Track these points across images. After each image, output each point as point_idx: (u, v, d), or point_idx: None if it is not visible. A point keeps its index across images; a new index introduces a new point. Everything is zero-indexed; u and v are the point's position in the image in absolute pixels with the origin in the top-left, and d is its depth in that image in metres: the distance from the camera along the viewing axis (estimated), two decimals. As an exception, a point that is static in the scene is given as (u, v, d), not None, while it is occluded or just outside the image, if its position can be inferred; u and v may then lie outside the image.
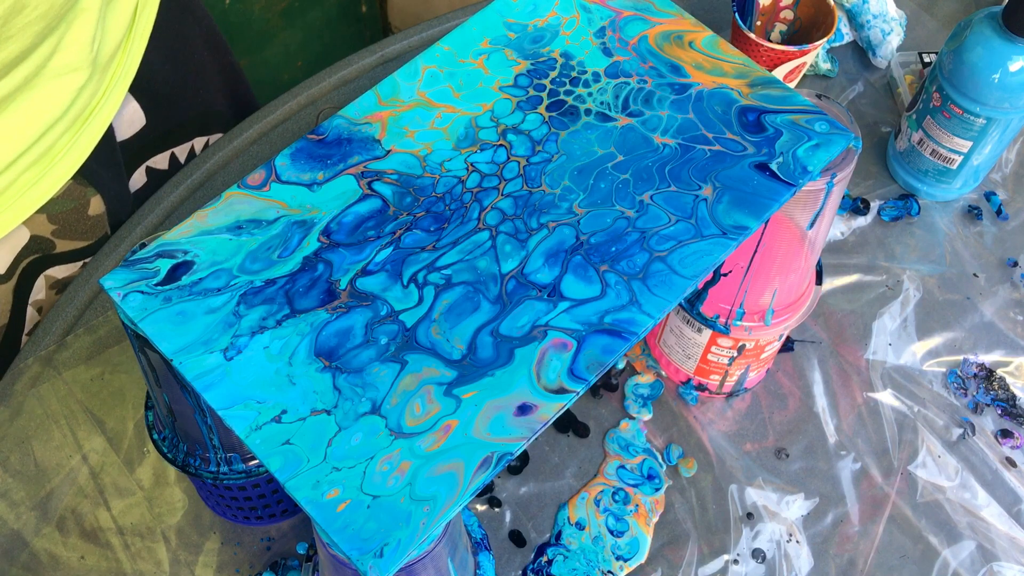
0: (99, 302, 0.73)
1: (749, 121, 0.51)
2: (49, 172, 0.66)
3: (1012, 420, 0.71)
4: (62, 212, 0.70)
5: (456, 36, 0.54)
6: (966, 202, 0.80)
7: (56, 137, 0.65)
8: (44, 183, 0.66)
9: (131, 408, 0.69)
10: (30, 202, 0.66)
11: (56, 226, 0.70)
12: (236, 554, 0.65)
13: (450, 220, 0.48)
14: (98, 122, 0.68)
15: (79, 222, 0.71)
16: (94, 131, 0.68)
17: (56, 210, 0.69)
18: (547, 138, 0.51)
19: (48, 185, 0.66)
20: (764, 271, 0.58)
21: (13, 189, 0.64)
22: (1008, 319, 0.75)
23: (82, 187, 0.70)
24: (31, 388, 0.69)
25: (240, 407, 0.43)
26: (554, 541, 0.66)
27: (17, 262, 0.69)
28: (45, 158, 0.65)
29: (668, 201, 0.49)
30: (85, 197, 0.71)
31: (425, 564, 0.46)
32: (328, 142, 0.51)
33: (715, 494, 0.68)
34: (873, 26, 0.84)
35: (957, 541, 0.67)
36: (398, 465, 0.42)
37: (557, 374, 0.44)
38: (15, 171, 0.63)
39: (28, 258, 0.70)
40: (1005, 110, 0.71)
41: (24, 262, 0.70)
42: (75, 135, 0.67)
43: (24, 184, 0.65)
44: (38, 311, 0.74)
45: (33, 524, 0.65)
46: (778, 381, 0.72)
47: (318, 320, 0.45)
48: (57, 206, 0.69)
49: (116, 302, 0.46)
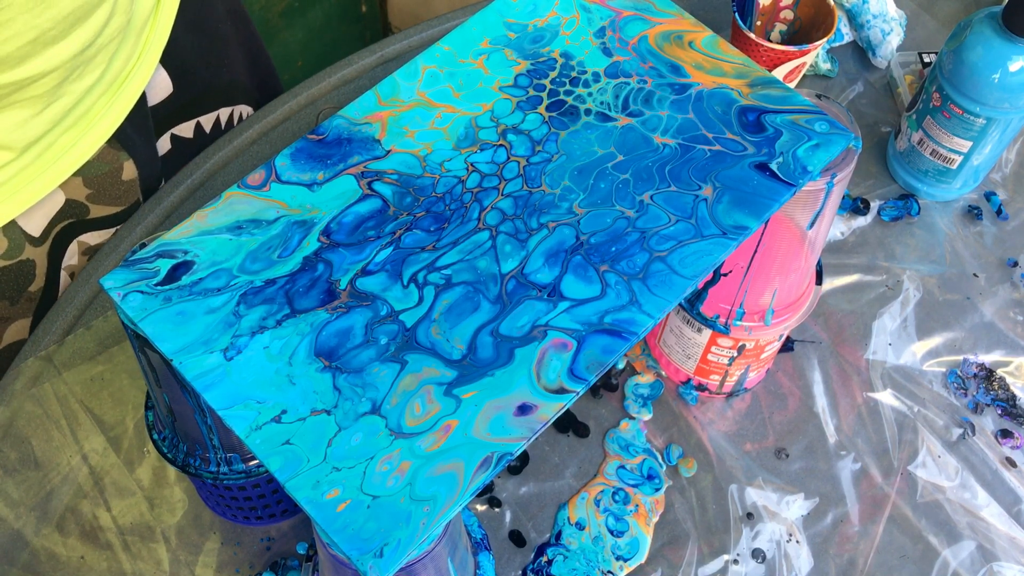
0: (99, 302, 0.73)
1: (749, 121, 0.51)
2: (86, 135, 0.68)
3: (1012, 420, 0.71)
4: (97, 176, 0.71)
5: (456, 36, 0.54)
6: (966, 202, 0.80)
7: (94, 100, 0.67)
8: (81, 146, 0.68)
9: (131, 408, 0.69)
10: (67, 165, 0.68)
11: (91, 190, 0.72)
12: (236, 554, 0.65)
13: (450, 220, 0.48)
14: (133, 86, 0.71)
15: (113, 186, 0.73)
16: (129, 95, 0.70)
17: (91, 173, 0.71)
18: (547, 138, 0.51)
19: (85, 148, 0.68)
20: (764, 271, 0.58)
21: (51, 151, 0.66)
22: (1008, 319, 0.75)
23: (116, 151, 0.72)
24: (31, 388, 0.69)
25: (240, 407, 0.43)
26: (554, 541, 0.66)
27: (52, 226, 0.71)
28: (83, 121, 0.67)
29: (668, 201, 0.49)
30: (118, 161, 0.72)
31: (425, 564, 0.46)
32: (328, 142, 0.51)
33: (715, 494, 0.68)
34: (873, 26, 0.84)
35: (957, 541, 0.67)
36: (398, 465, 0.42)
37: (557, 374, 0.44)
38: (54, 134, 0.65)
39: (63, 222, 0.72)
40: (1005, 110, 0.71)
41: (58, 226, 0.72)
42: (111, 99, 0.69)
43: (62, 147, 0.67)
44: (71, 276, 0.75)
45: (33, 524, 0.65)
46: (778, 381, 0.72)
47: (318, 320, 0.45)
48: (92, 169, 0.71)
49: (116, 302, 0.46)
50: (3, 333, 0.73)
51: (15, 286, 0.71)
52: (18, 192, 0.65)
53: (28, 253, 0.70)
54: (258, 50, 0.91)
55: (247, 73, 0.88)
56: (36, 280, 0.72)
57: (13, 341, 0.74)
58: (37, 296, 0.73)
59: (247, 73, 0.88)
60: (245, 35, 0.88)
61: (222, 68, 0.84)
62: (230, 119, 0.87)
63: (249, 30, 0.89)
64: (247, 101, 0.88)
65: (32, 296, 0.73)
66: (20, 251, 0.69)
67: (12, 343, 0.74)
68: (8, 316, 0.73)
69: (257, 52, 0.90)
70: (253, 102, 0.89)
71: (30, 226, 0.69)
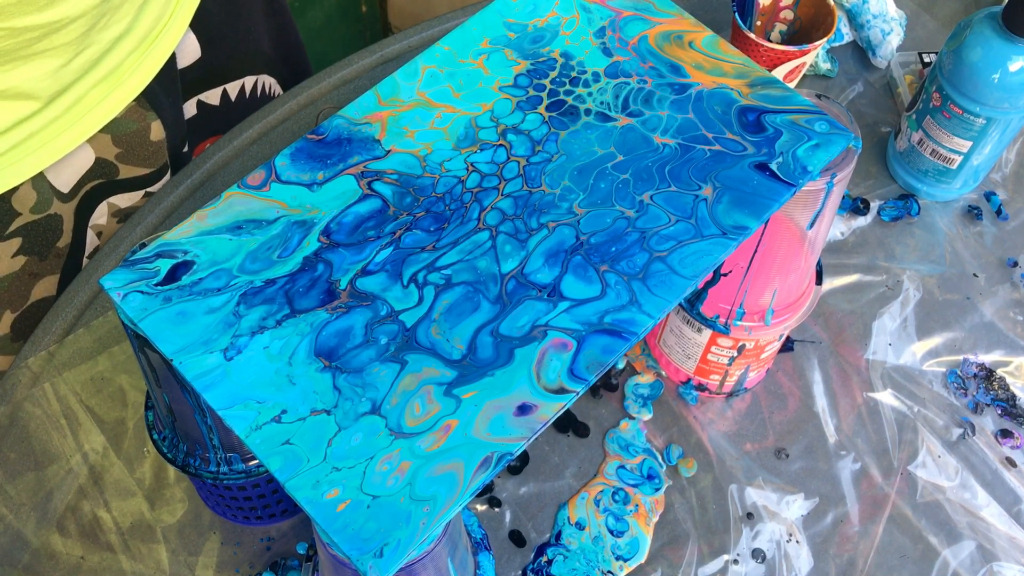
0: (99, 302, 0.73)
1: (749, 121, 0.51)
2: (116, 90, 0.68)
3: (1012, 420, 0.71)
4: (126, 135, 0.72)
5: (456, 36, 0.54)
6: (966, 202, 0.80)
7: (124, 56, 0.67)
8: (110, 100, 0.68)
9: (131, 408, 0.69)
10: (96, 119, 0.68)
11: (120, 149, 0.72)
12: (236, 554, 0.65)
13: (450, 220, 0.48)
14: (163, 46, 0.71)
15: (142, 146, 0.74)
16: (159, 54, 0.71)
17: (120, 131, 0.71)
18: (547, 138, 0.51)
19: (114, 103, 0.68)
20: (764, 271, 0.58)
21: (81, 104, 0.66)
22: (1008, 319, 0.75)
23: (144, 110, 0.72)
24: (31, 388, 0.69)
25: (240, 407, 0.43)
26: (554, 541, 0.66)
27: (81, 184, 0.71)
28: (113, 76, 0.67)
29: (668, 201, 0.49)
30: (146, 121, 0.73)
31: (425, 564, 0.46)
32: (328, 142, 0.51)
33: (715, 494, 0.68)
34: (873, 26, 0.84)
35: (957, 541, 0.67)
36: (398, 465, 0.42)
37: (557, 374, 0.44)
38: (84, 85, 0.66)
39: (92, 182, 0.72)
40: (1005, 110, 0.71)
41: (88, 185, 0.72)
42: (142, 56, 0.69)
43: (92, 100, 0.67)
44: (98, 236, 0.76)
45: (33, 524, 0.65)
46: (778, 381, 0.72)
47: (318, 320, 0.45)
48: (121, 127, 0.71)
49: (116, 302, 0.46)
50: (32, 288, 0.74)
51: (43, 241, 0.72)
52: (46, 144, 0.66)
53: (56, 208, 0.70)
54: (286, 23, 0.91)
55: (273, 45, 0.89)
56: (63, 236, 0.73)
57: (42, 297, 0.75)
58: (64, 252, 0.74)
59: (273, 45, 0.89)
60: (275, 7, 0.88)
61: (249, 36, 0.85)
62: (254, 89, 0.87)
63: (279, 2, 0.89)
64: (272, 72, 0.89)
65: (60, 252, 0.74)
66: (48, 205, 0.70)
67: (41, 299, 0.75)
68: (37, 272, 0.73)
69: (285, 25, 0.91)
70: (278, 74, 0.90)
71: (59, 181, 0.69)
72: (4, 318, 0.73)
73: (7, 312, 0.73)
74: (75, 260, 0.75)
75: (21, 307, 0.74)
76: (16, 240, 0.69)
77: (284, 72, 0.91)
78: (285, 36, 0.91)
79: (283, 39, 0.91)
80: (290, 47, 0.92)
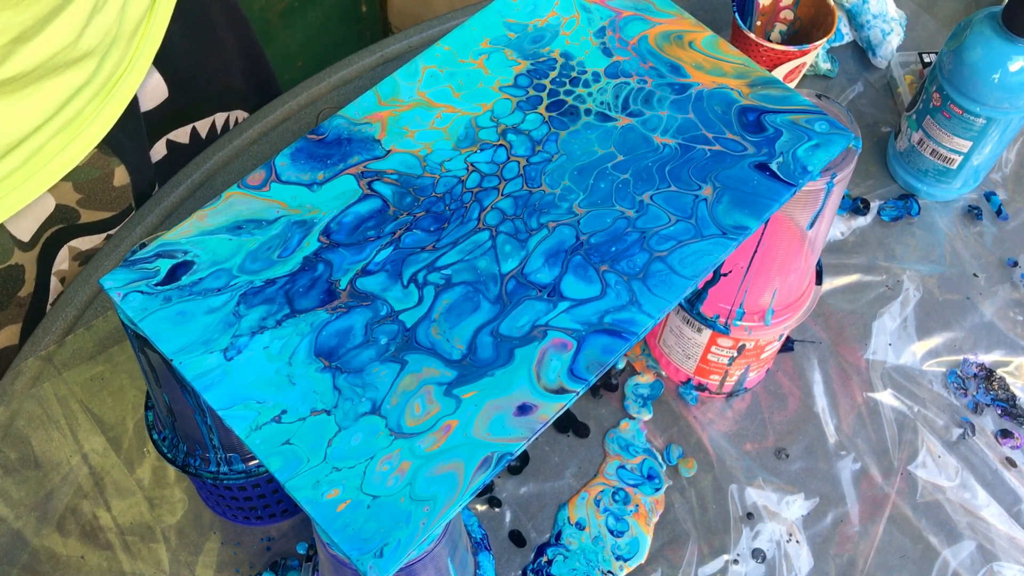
0: (99, 302, 0.73)
1: (749, 121, 0.51)
2: (76, 139, 0.67)
3: (1012, 420, 0.71)
4: (87, 181, 0.71)
5: (456, 36, 0.54)
6: (966, 202, 0.80)
7: (83, 104, 0.66)
8: (70, 150, 0.67)
9: (131, 408, 0.69)
10: (56, 169, 0.67)
11: (81, 195, 0.71)
12: (236, 554, 0.65)
13: (450, 220, 0.48)
14: (124, 91, 0.70)
15: (104, 192, 0.73)
16: (120, 100, 0.69)
17: (82, 179, 0.70)
18: (547, 138, 0.51)
19: (74, 152, 0.67)
20: (764, 271, 0.58)
21: (40, 155, 0.65)
22: (1008, 319, 0.75)
23: (107, 156, 0.71)
24: (31, 388, 0.69)
25: (240, 407, 0.43)
26: (554, 541, 0.66)
27: (41, 231, 0.70)
28: (72, 125, 0.66)
29: (668, 201, 0.49)
30: (110, 167, 0.72)
31: (425, 564, 0.46)
32: (328, 142, 0.51)
33: (715, 494, 0.68)
34: (873, 26, 0.84)
35: (957, 541, 0.67)
36: (398, 465, 0.42)
37: (557, 374, 0.44)
38: (42, 137, 0.64)
39: (53, 227, 0.71)
40: (1005, 110, 0.71)
41: (48, 231, 0.71)
42: (101, 103, 0.68)
43: (51, 151, 0.66)
44: (61, 282, 0.75)
45: (33, 524, 0.65)
46: (778, 381, 0.72)
47: (318, 320, 0.45)
48: (83, 174, 0.70)
49: (116, 302, 0.46)
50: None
51: (4, 291, 0.70)
52: (5, 196, 0.64)
53: (17, 258, 0.69)
54: (257, 55, 0.90)
55: (244, 78, 0.87)
56: (26, 285, 0.72)
57: (3, 347, 0.73)
58: (27, 302, 0.73)
59: (244, 78, 0.87)
60: (243, 40, 0.87)
61: (219, 73, 0.83)
62: (226, 124, 0.86)
63: (248, 35, 0.88)
64: (244, 107, 0.88)
65: (22, 301, 0.72)
66: (8, 256, 0.69)
67: (3, 348, 0.73)
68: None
69: (256, 57, 0.89)
70: (250, 108, 0.88)
71: (19, 230, 0.68)
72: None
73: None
74: (38, 308, 0.74)
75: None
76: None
77: (255, 104, 0.88)
78: (255, 68, 0.89)
79: (254, 71, 0.89)
80: (261, 78, 0.91)
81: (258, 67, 0.90)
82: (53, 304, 0.74)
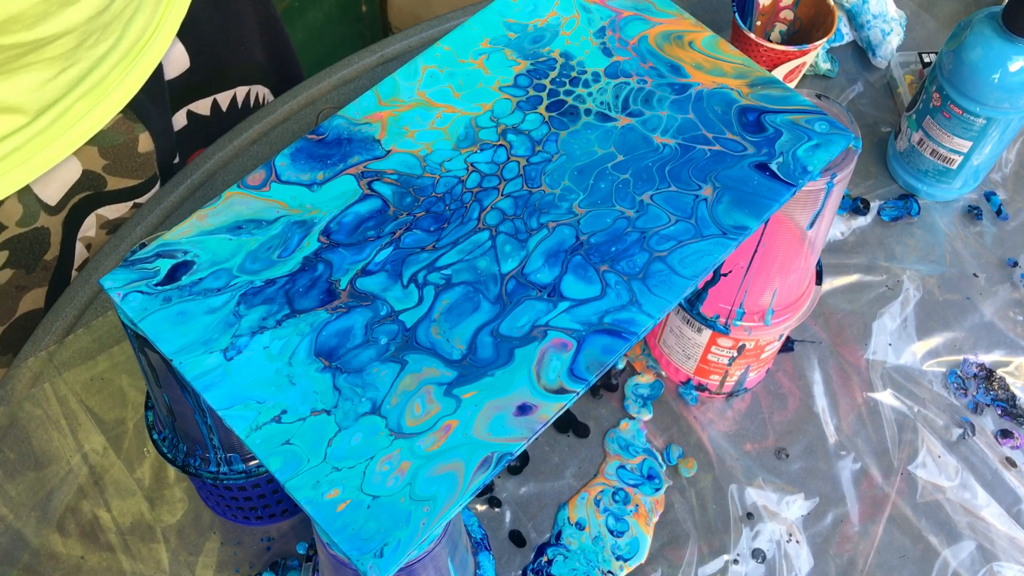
0: (99, 302, 0.73)
1: (749, 121, 0.51)
2: (101, 103, 0.68)
3: (1012, 420, 0.71)
4: (113, 147, 0.72)
5: (456, 36, 0.54)
6: (966, 202, 0.80)
7: (110, 68, 0.67)
8: (96, 113, 0.68)
9: (131, 408, 0.69)
10: (81, 132, 0.68)
11: (107, 161, 0.72)
12: (236, 554, 0.65)
13: (450, 220, 0.48)
14: (150, 57, 0.71)
15: (129, 158, 0.73)
16: (146, 66, 0.70)
17: (107, 144, 0.71)
18: (547, 138, 0.51)
19: (99, 116, 0.68)
20: (764, 271, 0.58)
21: (66, 118, 0.66)
22: (1008, 319, 0.75)
23: (131, 122, 0.72)
24: (31, 388, 0.69)
25: (240, 407, 0.43)
26: (554, 541, 0.66)
27: (68, 197, 0.71)
28: (99, 88, 0.67)
29: (668, 201, 0.49)
30: (134, 133, 0.73)
31: (425, 564, 0.46)
32: (328, 142, 0.51)
33: (715, 494, 0.68)
34: (873, 26, 0.84)
35: (957, 541, 0.67)
36: (398, 465, 0.42)
37: (557, 374, 0.44)
38: (70, 99, 0.65)
39: (80, 194, 0.72)
40: (1005, 110, 0.71)
41: (76, 197, 0.72)
42: (128, 67, 0.69)
43: (77, 113, 0.67)
44: (87, 248, 0.76)
45: (33, 524, 0.65)
46: (778, 381, 0.72)
47: (318, 320, 0.45)
48: (108, 139, 0.71)
49: (116, 302, 0.46)
50: (19, 302, 0.74)
51: (30, 254, 0.72)
52: (32, 158, 0.65)
53: (43, 221, 0.70)
54: (277, 33, 0.91)
55: (265, 54, 0.88)
56: (51, 249, 0.73)
57: (29, 310, 0.74)
58: (52, 265, 0.74)
59: (265, 54, 0.88)
60: (265, 16, 0.88)
61: (240, 46, 0.84)
62: (246, 99, 0.87)
63: (269, 11, 0.89)
64: (264, 82, 0.89)
65: (48, 265, 0.73)
66: (35, 219, 0.70)
67: (28, 312, 0.74)
68: (24, 284, 0.73)
69: (276, 35, 0.91)
70: (271, 84, 0.90)
71: (46, 194, 0.69)
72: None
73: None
74: (63, 273, 0.75)
75: (8, 320, 0.74)
76: (3, 253, 0.69)
77: (277, 82, 0.90)
78: (278, 46, 0.91)
79: (276, 49, 0.90)
80: (283, 57, 0.92)
81: (279, 43, 0.91)
82: (78, 270, 0.76)
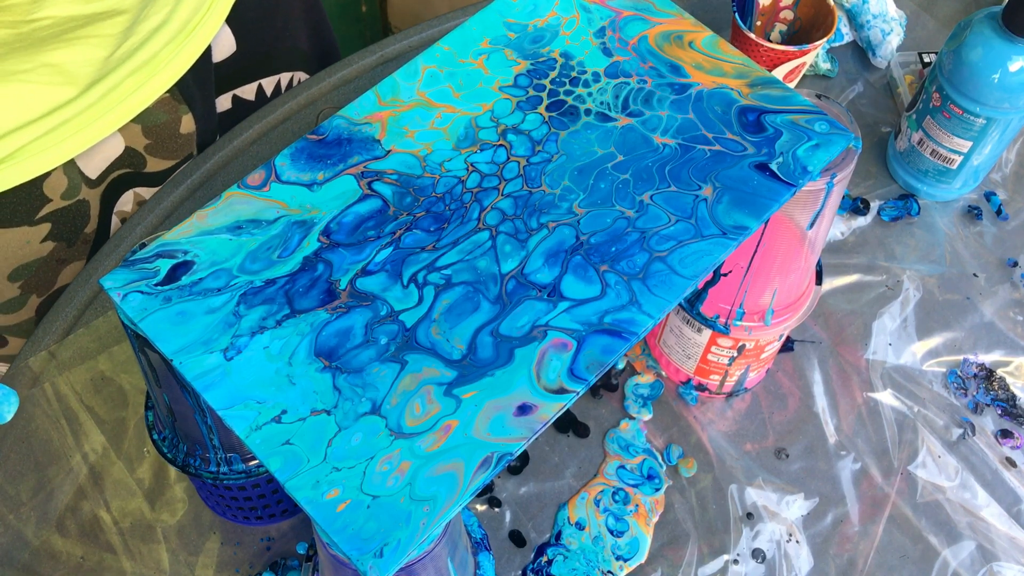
0: (99, 302, 0.73)
1: (749, 121, 0.51)
2: (150, 80, 0.69)
3: (1012, 420, 0.71)
4: (155, 126, 0.72)
5: (456, 36, 0.54)
6: (966, 202, 0.80)
7: (160, 46, 0.68)
8: (144, 91, 0.69)
9: (131, 408, 0.69)
10: (129, 108, 0.69)
11: (150, 140, 0.73)
12: (236, 554, 0.65)
13: (450, 220, 0.48)
14: (199, 38, 0.71)
15: (171, 139, 0.74)
16: (195, 46, 0.71)
17: (150, 122, 0.72)
18: (547, 138, 0.51)
19: (147, 93, 0.69)
20: (764, 271, 0.58)
21: (116, 93, 0.67)
22: (1008, 319, 0.75)
23: (176, 103, 0.73)
24: (31, 388, 0.69)
25: (240, 407, 0.43)
26: (554, 541, 0.66)
27: (109, 171, 0.72)
28: (148, 66, 0.68)
29: (668, 201, 0.49)
30: (177, 113, 0.74)
31: (425, 564, 0.46)
32: (328, 142, 0.51)
33: (715, 494, 0.68)
34: (873, 26, 0.84)
35: (957, 541, 0.67)
36: (398, 465, 0.42)
37: (557, 374, 0.44)
38: (120, 74, 0.66)
39: (119, 170, 0.73)
40: (1005, 110, 0.71)
41: (115, 173, 0.73)
42: (177, 48, 0.70)
43: (126, 89, 0.68)
44: (122, 221, 0.77)
45: (33, 524, 0.65)
46: (778, 381, 0.72)
47: (318, 320, 0.45)
48: (151, 118, 0.72)
49: (116, 302, 0.46)
50: (59, 275, 0.75)
51: (72, 227, 0.72)
52: (80, 131, 0.66)
53: (84, 194, 0.71)
54: (320, 21, 0.92)
55: (309, 41, 0.89)
56: (91, 222, 0.74)
57: (68, 283, 0.75)
58: (91, 239, 0.75)
59: (309, 41, 0.89)
60: (310, 3, 0.89)
61: (286, 33, 0.85)
62: (290, 84, 0.88)
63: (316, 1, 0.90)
64: (307, 69, 0.90)
65: (87, 238, 0.74)
66: (77, 192, 0.71)
67: (66, 285, 0.75)
68: (64, 258, 0.74)
69: (319, 22, 0.92)
70: (313, 71, 0.90)
71: (88, 167, 0.70)
72: (30, 302, 0.74)
73: (33, 296, 0.74)
74: (100, 246, 0.76)
75: (47, 292, 0.75)
76: (46, 226, 0.70)
77: (319, 69, 0.91)
78: (321, 33, 0.92)
79: (319, 36, 0.91)
80: (326, 44, 0.93)
81: (322, 31, 0.92)
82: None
